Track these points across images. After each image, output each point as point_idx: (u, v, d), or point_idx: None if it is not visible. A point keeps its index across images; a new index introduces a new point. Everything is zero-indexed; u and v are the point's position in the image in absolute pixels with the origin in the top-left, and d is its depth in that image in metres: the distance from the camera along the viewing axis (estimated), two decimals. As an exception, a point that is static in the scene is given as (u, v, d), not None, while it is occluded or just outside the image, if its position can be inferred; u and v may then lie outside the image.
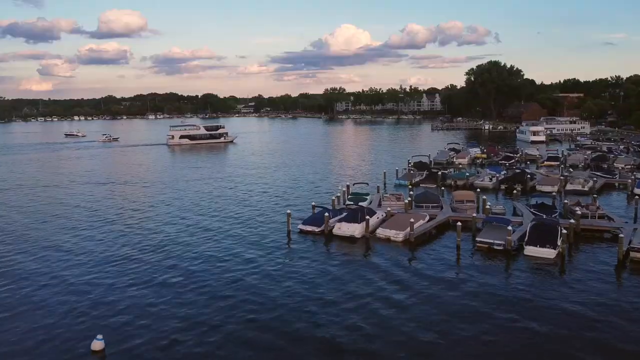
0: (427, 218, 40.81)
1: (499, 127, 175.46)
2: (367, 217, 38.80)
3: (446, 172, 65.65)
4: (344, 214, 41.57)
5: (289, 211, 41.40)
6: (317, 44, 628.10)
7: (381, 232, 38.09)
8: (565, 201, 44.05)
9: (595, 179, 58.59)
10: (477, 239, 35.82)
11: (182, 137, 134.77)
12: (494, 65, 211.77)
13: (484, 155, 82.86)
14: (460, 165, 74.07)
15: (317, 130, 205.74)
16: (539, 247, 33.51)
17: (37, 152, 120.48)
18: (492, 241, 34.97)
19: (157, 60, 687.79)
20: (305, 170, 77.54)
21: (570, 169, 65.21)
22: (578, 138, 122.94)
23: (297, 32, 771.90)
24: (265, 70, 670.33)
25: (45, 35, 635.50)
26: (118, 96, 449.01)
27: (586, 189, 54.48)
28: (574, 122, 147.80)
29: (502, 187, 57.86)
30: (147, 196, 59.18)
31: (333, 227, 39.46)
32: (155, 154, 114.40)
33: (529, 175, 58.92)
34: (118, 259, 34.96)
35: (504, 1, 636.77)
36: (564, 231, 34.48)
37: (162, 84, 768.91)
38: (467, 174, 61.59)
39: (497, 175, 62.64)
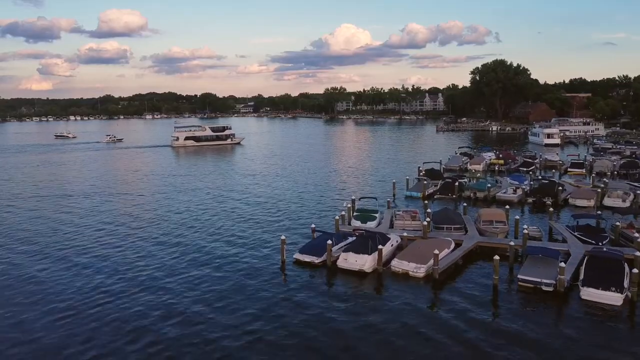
0: (453, 245, 33.47)
1: (507, 129, 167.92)
2: (380, 245, 31.46)
3: (463, 181, 58.32)
4: (350, 239, 34.24)
5: (283, 236, 33.96)
6: (317, 43, 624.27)
7: (397, 264, 30.77)
8: (617, 223, 36.55)
9: (638, 191, 50.93)
10: (519, 276, 28.42)
11: (187, 138, 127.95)
12: (499, 64, 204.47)
13: (501, 161, 75.13)
14: (479, 175, 66.27)
15: (317, 131, 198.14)
16: (601, 289, 26.18)
17: (20, 155, 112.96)
18: (539, 280, 27.64)
19: (157, 60, 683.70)
20: (305, 179, 69.90)
21: (606, 180, 57.51)
22: (595, 141, 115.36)
23: (297, 32, 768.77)
24: (265, 70, 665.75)
25: (45, 35, 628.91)
26: (118, 96, 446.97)
27: (627, 203, 47.28)
28: (588, 124, 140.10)
29: (530, 200, 50.53)
30: (138, 210, 51.73)
31: (337, 257, 32.15)
32: (159, 156, 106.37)
33: (560, 187, 51.35)
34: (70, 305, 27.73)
35: (504, 1, 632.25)
36: (635, 270, 26.92)
37: (162, 84, 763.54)
38: (489, 184, 53.98)
39: (521, 186, 55.30)
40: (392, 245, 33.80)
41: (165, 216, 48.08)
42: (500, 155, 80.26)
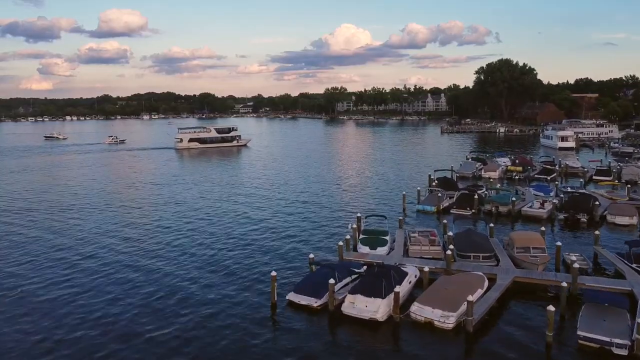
0: (486, 282, 26.85)
1: (515, 130, 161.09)
2: (396, 285, 24.86)
3: (482, 192, 51.77)
4: (357, 277, 27.47)
5: (273, 273, 27.22)
6: (317, 43, 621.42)
7: (418, 311, 24.11)
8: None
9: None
10: (580, 332, 21.81)
11: (191, 140, 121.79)
12: (505, 64, 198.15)
13: (519, 168, 68.26)
14: (498, 185, 59.12)
15: (317, 132, 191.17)
16: (696, 355, 19.66)
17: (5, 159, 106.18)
18: (607, 339, 21.04)
19: (157, 60, 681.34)
20: (304, 190, 62.19)
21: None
22: (612, 144, 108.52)
23: (297, 32, 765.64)
24: (265, 70, 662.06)
25: (45, 34, 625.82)
26: (119, 95, 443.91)
27: (678, 222, 40.73)
28: (601, 126, 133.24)
29: (561, 216, 43.84)
30: (119, 228, 45.18)
31: (342, 300, 25.54)
32: (162, 160, 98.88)
33: (597, 202, 44.57)
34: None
35: (504, 1, 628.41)
36: None
37: (162, 84, 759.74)
38: (513, 197, 47.18)
39: (548, 198, 48.73)
40: (409, 282, 27.13)
41: (146, 237, 41.46)
42: (517, 161, 73.48)
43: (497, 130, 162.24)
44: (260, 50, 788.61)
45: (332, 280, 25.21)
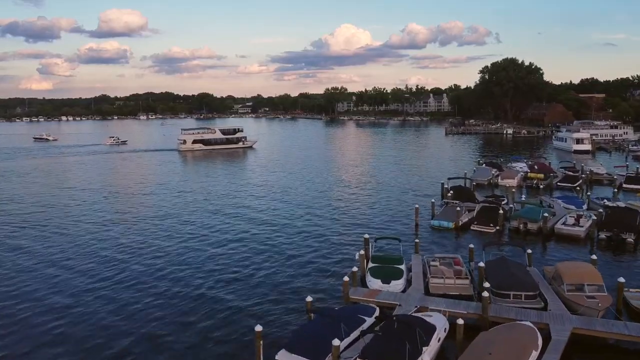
0: (540, 340, 20.31)
1: (523, 132, 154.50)
2: (422, 349, 18.39)
3: (505, 205, 45.35)
4: (367, 322, 21.00)
5: (259, 327, 20.32)
6: (317, 43, 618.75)
7: (455, 388, 17.74)
8: None
9: None
10: None
11: (195, 142, 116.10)
12: (510, 63, 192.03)
13: (540, 175, 61.47)
14: (523, 197, 52.20)
15: (318, 133, 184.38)
16: None
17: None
18: None
19: (157, 60, 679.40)
20: (303, 203, 54.87)
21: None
22: (631, 147, 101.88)
23: (297, 32, 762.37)
24: (265, 70, 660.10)
25: (45, 34, 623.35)
26: (119, 95, 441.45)
27: None
28: (615, 127, 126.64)
29: (602, 236, 37.33)
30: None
31: (350, 366, 19.16)
32: (164, 163, 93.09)
33: (644, 219, 38.13)
34: None
35: (504, 1, 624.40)
36: None
37: (162, 84, 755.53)
38: (545, 213, 40.50)
39: (583, 212, 42.27)
40: (438, 339, 20.55)
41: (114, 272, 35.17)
42: (536, 167, 66.80)
43: (504, 132, 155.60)
44: (260, 50, 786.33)
45: (336, 341, 18.63)
